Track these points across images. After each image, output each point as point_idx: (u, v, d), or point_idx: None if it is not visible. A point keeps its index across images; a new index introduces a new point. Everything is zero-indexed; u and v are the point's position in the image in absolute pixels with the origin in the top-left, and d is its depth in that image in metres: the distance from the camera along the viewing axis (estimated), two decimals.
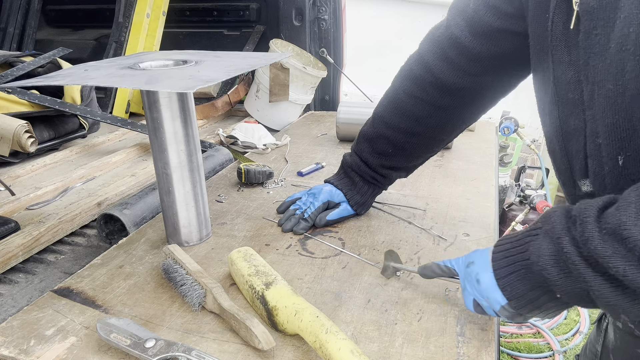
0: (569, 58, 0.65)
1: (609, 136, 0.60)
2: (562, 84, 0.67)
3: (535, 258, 0.60)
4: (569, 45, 0.64)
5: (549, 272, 0.58)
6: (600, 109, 0.60)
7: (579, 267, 0.54)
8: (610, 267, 0.51)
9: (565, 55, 0.65)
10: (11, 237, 1.07)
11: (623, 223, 0.50)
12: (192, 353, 0.67)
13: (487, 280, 0.65)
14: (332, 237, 1.03)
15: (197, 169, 0.99)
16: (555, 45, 0.66)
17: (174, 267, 0.86)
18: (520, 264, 0.62)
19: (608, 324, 0.89)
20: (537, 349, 2.22)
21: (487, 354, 0.69)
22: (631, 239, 0.49)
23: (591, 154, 0.65)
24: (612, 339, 0.88)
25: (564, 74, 0.66)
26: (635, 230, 0.49)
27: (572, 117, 0.67)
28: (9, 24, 2.54)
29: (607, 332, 0.90)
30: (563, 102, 0.68)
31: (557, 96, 0.69)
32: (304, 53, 2.11)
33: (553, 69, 0.68)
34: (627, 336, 0.84)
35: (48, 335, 0.74)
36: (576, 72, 0.64)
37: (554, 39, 0.66)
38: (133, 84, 0.78)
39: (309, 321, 0.68)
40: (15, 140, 1.46)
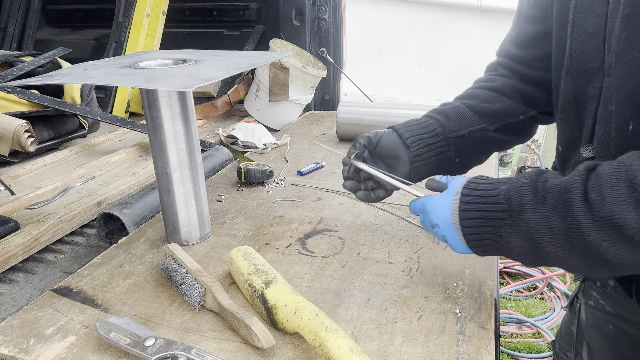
0: (593, 29, 0.67)
1: (623, 102, 0.63)
2: (580, 55, 0.70)
3: (507, 247, 0.66)
4: (596, 15, 0.67)
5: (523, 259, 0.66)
6: (619, 76, 0.63)
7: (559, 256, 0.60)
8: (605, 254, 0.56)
9: (591, 26, 0.68)
10: (11, 236, 1.07)
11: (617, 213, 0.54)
12: (192, 351, 0.67)
13: (456, 242, 0.72)
14: (332, 237, 1.03)
15: (197, 168, 0.99)
16: (580, 18, 0.69)
17: (173, 266, 0.86)
18: (492, 246, 0.68)
19: (581, 305, 0.93)
20: (537, 349, 2.22)
21: (487, 352, 0.69)
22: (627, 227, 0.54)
23: (600, 119, 0.68)
24: (584, 318, 0.92)
25: (585, 44, 0.69)
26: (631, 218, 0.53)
27: (589, 85, 0.70)
28: (9, 23, 2.55)
29: (580, 312, 0.93)
30: (581, 72, 0.71)
31: (572, 68, 0.72)
32: (303, 53, 2.12)
33: (571, 41, 0.71)
34: (598, 313, 0.87)
35: (48, 334, 0.74)
36: (599, 42, 0.67)
37: (579, 10, 0.69)
38: (132, 82, 0.79)
39: (308, 319, 0.68)
40: (15, 139, 1.46)
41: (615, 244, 0.55)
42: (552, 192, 0.61)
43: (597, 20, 0.67)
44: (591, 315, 0.90)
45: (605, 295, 0.85)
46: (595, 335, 0.90)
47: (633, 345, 0.83)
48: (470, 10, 3.69)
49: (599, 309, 0.87)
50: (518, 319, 2.38)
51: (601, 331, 0.88)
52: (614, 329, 0.85)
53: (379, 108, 1.65)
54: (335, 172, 1.41)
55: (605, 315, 0.86)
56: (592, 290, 0.88)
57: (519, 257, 0.67)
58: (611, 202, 0.55)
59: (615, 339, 0.85)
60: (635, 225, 0.53)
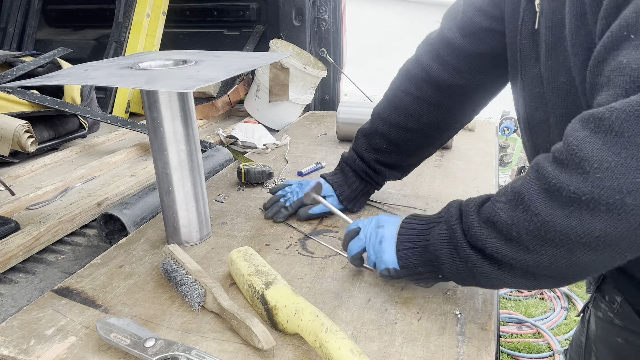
0: (535, 55, 0.71)
1: (560, 126, 0.67)
2: (528, 79, 0.74)
3: (433, 241, 0.72)
4: (535, 43, 0.71)
5: (441, 253, 0.71)
6: (553, 102, 0.68)
7: (465, 249, 0.67)
8: (486, 246, 0.63)
9: (533, 52, 0.72)
10: (11, 237, 1.07)
11: (494, 211, 0.62)
12: (192, 352, 0.67)
13: (389, 247, 0.78)
14: (332, 237, 1.03)
15: (197, 169, 0.99)
16: (523, 44, 0.74)
17: (173, 266, 0.86)
18: (420, 243, 0.74)
19: (590, 316, 0.93)
20: (537, 349, 2.22)
21: (487, 353, 0.69)
22: (499, 222, 0.61)
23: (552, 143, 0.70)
24: (594, 329, 0.91)
25: (531, 69, 0.73)
26: (503, 216, 0.61)
27: (537, 110, 0.74)
28: (9, 23, 2.55)
29: (590, 323, 0.93)
30: (529, 97, 0.75)
31: (524, 91, 0.76)
32: (304, 53, 2.11)
33: (521, 66, 0.75)
34: (607, 325, 0.87)
35: (48, 335, 0.74)
36: (539, 69, 0.71)
37: (523, 37, 0.74)
38: (133, 83, 0.78)
39: (308, 320, 0.68)
40: (15, 140, 1.46)
41: (491, 236, 0.63)
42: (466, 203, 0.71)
43: (537, 49, 0.71)
44: (600, 327, 0.88)
45: (613, 310, 0.84)
46: (603, 347, 0.89)
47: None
48: None
49: (608, 321, 0.86)
50: (518, 319, 2.38)
51: (610, 344, 0.86)
52: (622, 342, 0.83)
53: None
54: None
55: (614, 328, 0.84)
56: (601, 302, 0.87)
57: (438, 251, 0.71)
58: (493, 204, 0.64)
59: (624, 353, 0.84)
60: (504, 219, 0.60)
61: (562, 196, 0.54)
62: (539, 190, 0.56)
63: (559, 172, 0.54)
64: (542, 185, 0.56)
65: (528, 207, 0.57)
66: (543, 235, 0.56)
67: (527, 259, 0.60)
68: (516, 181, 0.62)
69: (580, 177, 0.52)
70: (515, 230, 0.59)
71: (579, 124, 0.53)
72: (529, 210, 0.57)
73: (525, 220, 0.58)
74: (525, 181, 0.59)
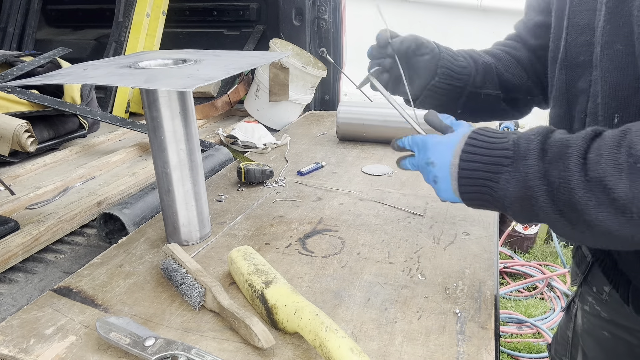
0: (585, 22, 0.69)
1: (609, 95, 0.64)
2: (573, 48, 0.72)
3: (501, 193, 0.63)
4: (588, 9, 0.68)
5: (512, 210, 0.63)
6: (604, 69, 0.64)
7: (547, 211, 0.59)
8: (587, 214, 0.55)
9: (584, 19, 0.69)
10: (11, 236, 1.07)
11: (607, 174, 0.53)
12: (192, 351, 0.67)
13: (446, 186, 0.69)
14: (332, 237, 1.03)
15: (197, 168, 0.98)
16: (574, 11, 0.71)
17: (173, 266, 0.86)
18: (487, 190, 0.65)
19: (577, 310, 0.92)
20: (537, 349, 2.22)
21: (486, 352, 0.69)
22: (614, 189, 0.52)
23: (590, 113, 0.69)
24: (580, 323, 0.92)
25: (578, 37, 0.70)
26: (621, 183, 0.52)
27: (580, 79, 0.71)
28: (9, 23, 2.54)
29: (576, 317, 0.93)
30: (572, 66, 0.72)
31: (566, 60, 0.73)
32: (303, 53, 2.12)
33: (567, 34, 0.73)
34: (593, 319, 0.87)
35: (48, 334, 0.74)
36: (590, 35, 0.68)
37: (573, 3, 0.71)
38: (132, 82, 0.79)
39: (308, 319, 0.68)
40: (15, 139, 1.46)
41: (601, 206, 0.54)
42: (555, 145, 0.59)
43: (589, 14, 0.69)
44: (587, 321, 0.89)
45: (601, 301, 0.84)
46: (590, 341, 0.89)
47: (629, 352, 0.82)
48: (470, 10, 3.68)
49: (595, 314, 0.86)
50: (518, 319, 2.38)
51: (596, 337, 0.87)
52: (609, 336, 0.84)
53: (379, 108, 1.65)
54: (335, 172, 1.42)
55: (601, 321, 0.85)
56: (588, 295, 0.88)
57: (510, 207, 0.63)
58: (606, 164, 0.53)
59: (610, 346, 0.85)
60: (622, 190, 0.52)
61: None
62: None
63: None
64: None
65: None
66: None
67: (634, 232, 0.53)
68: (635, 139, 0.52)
69: None
70: (637, 205, 0.51)
71: None
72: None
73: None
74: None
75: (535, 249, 3.00)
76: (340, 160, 1.53)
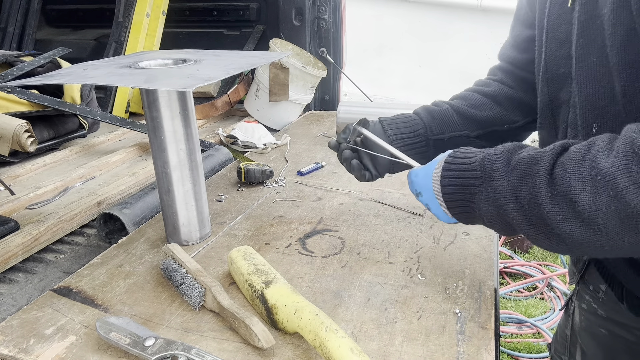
0: (563, 35, 0.70)
1: (586, 105, 0.66)
2: (553, 60, 0.73)
3: (480, 212, 0.68)
4: (566, 22, 0.70)
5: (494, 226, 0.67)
6: (581, 82, 0.66)
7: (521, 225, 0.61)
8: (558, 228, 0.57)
9: (561, 32, 0.71)
10: (11, 236, 1.07)
11: (572, 188, 0.55)
12: (192, 351, 0.67)
13: (437, 210, 0.75)
14: (332, 237, 1.03)
15: (197, 168, 0.98)
16: (552, 25, 0.72)
17: (173, 266, 0.86)
18: (470, 212, 0.70)
19: (575, 308, 0.93)
20: (537, 349, 2.22)
21: (487, 352, 0.69)
22: (581, 204, 0.54)
23: (570, 123, 0.71)
24: (578, 321, 0.92)
25: (557, 50, 0.72)
26: (585, 198, 0.54)
27: (562, 91, 0.73)
28: (9, 23, 2.54)
29: (574, 315, 0.93)
30: (553, 78, 0.74)
31: (547, 73, 0.75)
32: (303, 53, 2.11)
33: (545, 47, 0.74)
34: (591, 316, 0.88)
35: (47, 334, 0.74)
36: (568, 48, 0.69)
37: (551, 18, 0.72)
38: (132, 82, 0.79)
39: (308, 319, 0.68)
40: (15, 139, 1.46)
41: (568, 220, 0.56)
42: (523, 162, 0.62)
43: (566, 28, 0.70)
44: (585, 319, 0.90)
45: (597, 300, 0.85)
46: (588, 339, 0.90)
47: (626, 349, 0.82)
48: (470, 10, 3.68)
49: (592, 312, 0.87)
50: (518, 319, 2.38)
51: (594, 335, 0.88)
52: (606, 333, 0.85)
53: (379, 108, 1.65)
54: (335, 172, 1.41)
55: (598, 319, 0.86)
56: (585, 293, 0.88)
57: (490, 224, 0.68)
58: (571, 178, 0.56)
59: (608, 344, 0.85)
60: (586, 203, 0.54)
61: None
62: (637, 179, 0.50)
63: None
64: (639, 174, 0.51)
65: (623, 195, 0.51)
66: (634, 225, 0.52)
67: (605, 243, 0.55)
68: (602, 155, 0.54)
69: None
70: (602, 217, 0.53)
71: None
72: (622, 199, 0.51)
73: (617, 210, 0.52)
74: (619, 163, 0.52)
75: (535, 248, 3.00)
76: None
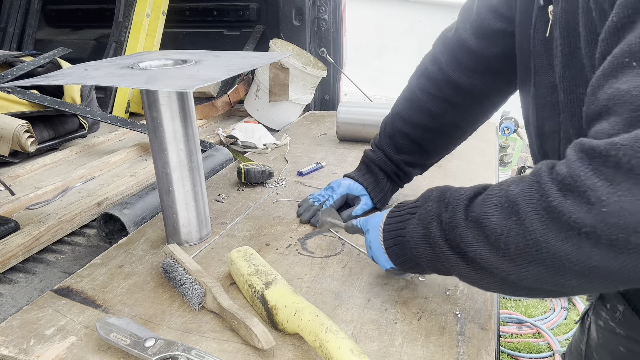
0: (547, 63, 0.69)
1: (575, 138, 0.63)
2: (541, 88, 0.72)
3: (409, 237, 0.71)
4: (547, 51, 0.68)
5: (417, 251, 0.70)
6: (571, 113, 0.65)
7: (443, 249, 0.65)
8: (469, 250, 0.60)
9: (545, 60, 0.70)
10: (11, 236, 1.07)
11: (485, 214, 0.58)
12: (192, 352, 0.67)
13: (377, 248, 0.78)
14: (332, 237, 1.03)
15: (197, 169, 0.98)
16: (536, 51, 0.71)
17: (173, 266, 0.86)
18: (399, 239, 0.74)
19: (590, 323, 0.90)
20: (537, 349, 2.22)
21: (486, 353, 0.69)
22: (488, 228, 0.58)
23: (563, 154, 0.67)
24: (594, 337, 0.89)
25: (544, 78, 0.71)
26: (493, 222, 0.57)
27: (549, 119, 0.72)
28: (9, 23, 2.54)
29: (590, 331, 0.90)
30: (541, 105, 0.73)
31: (536, 99, 0.74)
32: (304, 53, 2.11)
33: (534, 74, 0.73)
34: (608, 334, 0.85)
35: (48, 335, 0.74)
36: (553, 77, 0.68)
37: (535, 44, 0.71)
38: (133, 83, 0.78)
39: (308, 320, 0.68)
40: (15, 140, 1.46)
41: (477, 241, 0.59)
42: (455, 190, 0.67)
43: (548, 57, 0.69)
44: (602, 336, 0.86)
45: (614, 319, 0.82)
46: (606, 355, 0.86)
47: None
48: None
49: (609, 330, 0.83)
50: (518, 319, 2.38)
51: (612, 352, 0.84)
52: (625, 351, 0.81)
53: (379, 108, 1.65)
54: (335, 173, 1.42)
55: (616, 336, 0.82)
56: (602, 310, 0.84)
57: (417, 250, 0.70)
58: (485, 204, 0.59)
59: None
60: (493, 227, 0.57)
61: (560, 220, 0.50)
62: (537, 207, 0.53)
63: (561, 196, 0.50)
64: (541, 202, 0.52)
65: (523, 221, 0.54)
66: (534, 254, 0.53)
67: (511, 271, 0.57)
68: (513, 184, 0.57)
69: (585, 207, 0.48)
70: (504, 241, 0.56)
71: (583, 154, 0.50)
72: (522, 224, 0.54)
73: (517, 235, 0.54)
74: (524, 191, 0.55)
75: None
76: (341, 160, 1.53)
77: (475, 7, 0.91)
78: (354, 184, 1.12)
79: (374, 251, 0.80)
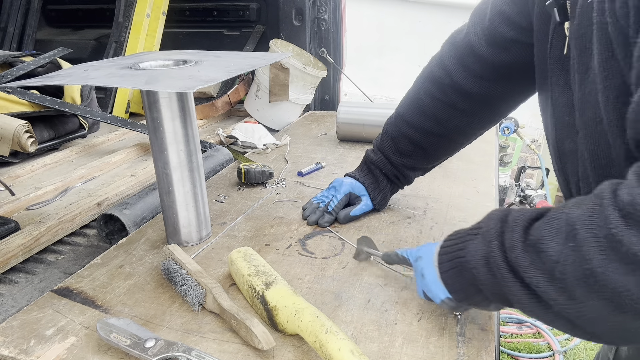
0: (564, 82, 0.67)
1: (592, 162, 0.62)
2: (559, 107, 0.69)
3: (470, 257, 0.64)
4: (564, 69, 0.66)
5: (478, 272, 0.62)
6: (583, 134, 0.63)
7: (502, 271, 0.58)
8: (525, 276, 0.55)
9: (562, 78, 0.67)
10: (11, 237, 1.07)
11: (544, 238, 0.53)
12: (192, 353, 0.67)
13: (431, 275, 0.71)
14: (332, 237, 1.03)
15: (197, 169, 0.99)
16: (552, 69, 0.69)
17: (173, 267, 0.86)
18: (458, 260, 0.66)
19: None
20: (537, 349, 2.22)
21: (487, 354, 0.69)
22: (545, 254, 0.53)
23: (582, 176, 0.66)
24: (624, 349, 0.87)
25: (561, 96, 0.68)
26: (551, 248, 0.52)
27: (567, 139, 0.69)
28: (9, 23, 2.54)
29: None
30: (560, 124, 0.70)
31: (554, 117, 0.71)
32: (304, 53, 2.11)
33: (551, 91, 0.70)
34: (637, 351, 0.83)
35: (48, 335, 0.74)
36: (570, 96, 0.66)
37: (552, 62, 0.69)
38: (133, 84, 0.78)
39: (309, 321, 0.68)
40: (15, 140, 1.46)
41: (533, 267, 0.54)
42: (516, 212, 0.62)
43: (565, 75, 0.66)
44: (632, 348, 0.85)
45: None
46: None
47: None
48: (470, 10, 3.69)
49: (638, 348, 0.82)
50: (518, 319, 2.38)
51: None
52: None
53: (379, 108, 1.65)
54: (335, 173, 1.42)
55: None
56: None
57: (478, 274, 0.63)
58: (545, 228, 0.54)
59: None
60: (551, 253, 0.52)
61: (621, 251, 0.45)
62: (598, 233, 0.48)
63: (623, 225, 0.46)
64: (601, 229, 0.47)
65: (580, 248, 0.48)
66: (591, 285, 0.48)
67: (568, 305, 0.52)
68: (575, 206, 0.52)
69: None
70: (560, 270, 0.51)
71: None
72: (580, 252, 0.49)
73: (574, 263, 0.49)
74: (585, 215, 0.49)
75: None
76: (341, 160, 1.53)
77: (489, 13, 0.87)
78: (356, 183, 1.12)
79: (427, 279, 0.71)
